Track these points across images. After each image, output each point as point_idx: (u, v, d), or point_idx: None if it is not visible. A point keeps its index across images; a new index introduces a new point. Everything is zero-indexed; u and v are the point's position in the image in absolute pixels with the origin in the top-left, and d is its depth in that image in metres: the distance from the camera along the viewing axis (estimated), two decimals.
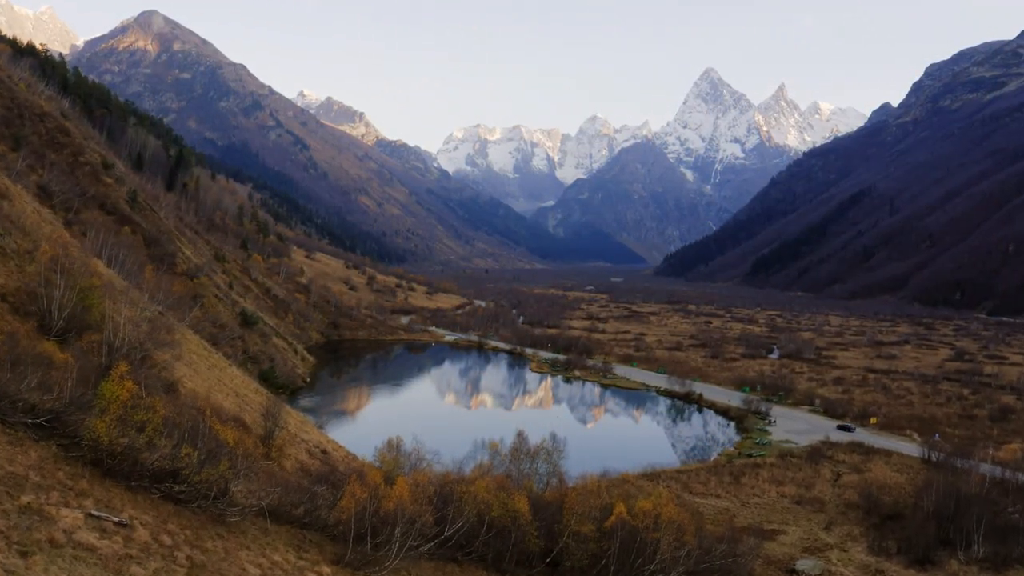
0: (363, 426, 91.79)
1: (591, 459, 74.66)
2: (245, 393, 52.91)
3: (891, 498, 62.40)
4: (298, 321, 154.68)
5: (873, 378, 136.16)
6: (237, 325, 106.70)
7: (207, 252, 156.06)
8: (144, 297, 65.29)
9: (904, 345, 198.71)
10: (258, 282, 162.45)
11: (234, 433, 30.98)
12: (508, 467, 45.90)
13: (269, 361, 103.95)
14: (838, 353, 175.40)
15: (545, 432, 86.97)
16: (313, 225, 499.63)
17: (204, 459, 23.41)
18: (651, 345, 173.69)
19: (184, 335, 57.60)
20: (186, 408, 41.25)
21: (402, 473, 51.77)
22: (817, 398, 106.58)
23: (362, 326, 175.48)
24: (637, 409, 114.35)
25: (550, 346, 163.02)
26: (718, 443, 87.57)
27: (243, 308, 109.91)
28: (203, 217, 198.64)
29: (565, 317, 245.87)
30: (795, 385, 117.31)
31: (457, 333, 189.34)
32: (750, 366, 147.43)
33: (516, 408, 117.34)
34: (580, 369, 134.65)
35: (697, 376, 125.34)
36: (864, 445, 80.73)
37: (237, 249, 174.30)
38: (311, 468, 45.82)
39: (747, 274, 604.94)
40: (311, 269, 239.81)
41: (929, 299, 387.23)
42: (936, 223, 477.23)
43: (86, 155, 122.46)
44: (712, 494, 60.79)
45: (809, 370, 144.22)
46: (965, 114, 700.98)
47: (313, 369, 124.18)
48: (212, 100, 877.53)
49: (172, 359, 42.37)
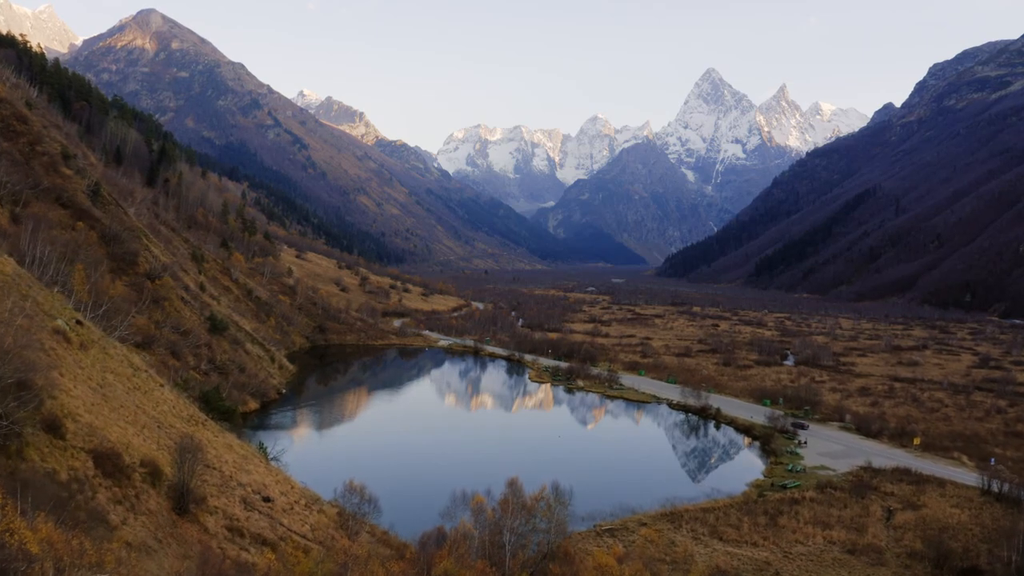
0: (333, 450, 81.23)
1: (599, 492, 64.32)
2: (172, 423, 42.52)
3: (960, 544, 52.07)
4: (280, 325, 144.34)
5: (900, 388, 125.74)
6: (204, 331, 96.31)
7: (184, 251, 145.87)
8: (68, 302, 55.01)
9: (924, 350, 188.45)
10: (239, 283, 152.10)
11: (51, 532, 20.40)
12: (499, 522, 35.60)
13: (239, 371, 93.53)
14: (857, 359, 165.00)
15: (544, 462, 76.80)
16: (310, 224, 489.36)
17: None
18: (658, 351, 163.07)
19: (105, 350, 47.20)
20: (62, 459, 30.90)
21: (363, 525, 41.42)
22: (848, 413, 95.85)
23: (351, 330, 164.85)
24: (648, 427, 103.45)
25: (551, 352, 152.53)
26: (744, 469, 76.89)
27: (212, 312, 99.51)
28: (185, 214, 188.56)
29: (566, 320, 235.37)
30: (820, 397, 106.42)
31: (452, 337, 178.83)
32: (766, 374, 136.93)
33: (511, 427, 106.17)
34: (583, 378, 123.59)
35: (711, 386, 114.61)
36: (912, 472, 70.29)
37: (219, 248, 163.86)
38: (245, 528, 35.44)
39: (751, 275, 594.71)
40: (301, 269, 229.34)
41: (939, 301, 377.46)
42: (944, 223, 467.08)
43: (44, 144, 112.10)
44: (747, 541, 50.37)
45: (830, 379, 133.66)
46: (970, 113, 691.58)
47: (292, 378, 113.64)
48: (210, 99, 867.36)
49: (47, 385, 31.94)
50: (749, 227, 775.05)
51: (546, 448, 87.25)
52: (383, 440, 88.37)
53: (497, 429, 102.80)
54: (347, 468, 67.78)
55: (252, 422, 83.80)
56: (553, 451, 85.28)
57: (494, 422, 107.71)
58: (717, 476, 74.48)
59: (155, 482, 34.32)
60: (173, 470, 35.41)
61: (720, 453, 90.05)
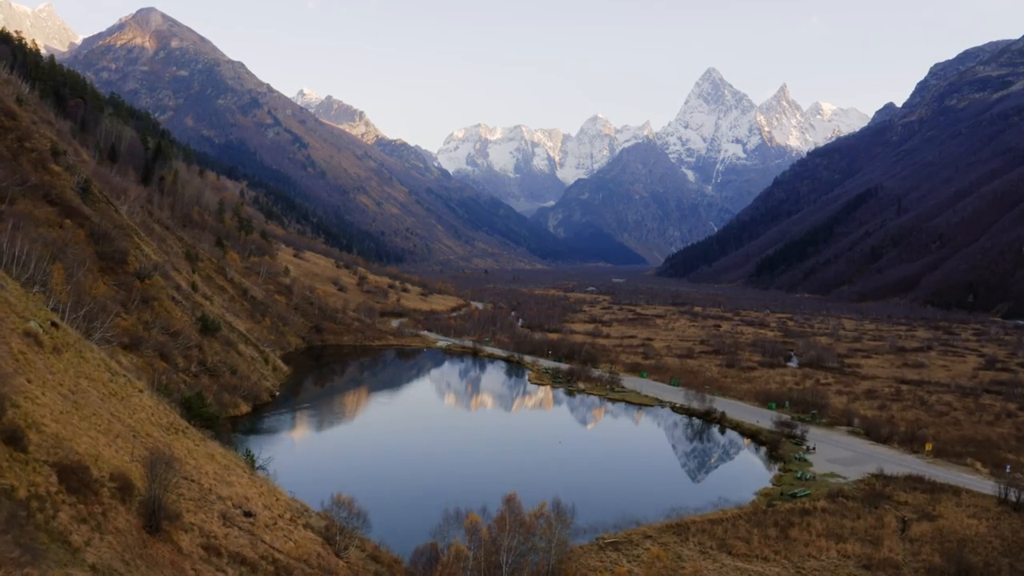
0: (325, 456, 78.77)
1: (601, 499, 61.88)
2: (149, 432, 40.00)
3: (980, 558, 49.61)
4: (275, 325, 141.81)
5: (907, 391, 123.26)
6: (195, 332, 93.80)
7: (178, 250, 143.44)
8: (46, 302, 52.55)
9: (928, 351, 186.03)
10: (234, 282, 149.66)
11: None
12: (495, 541, 33.13)
13: (230, 373, 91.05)
14: (862, 361, 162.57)
15: (544, 466, 74.57)
16: (309, 224, 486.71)
17: None
18: (660, 352, 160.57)
19: (81, 353, 44.74)
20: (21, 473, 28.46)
21: (352, 539, 39.00)
22: (856, 417, 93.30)
23: (348, 330, 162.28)
24: (651, 430, 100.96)
25: (551, 353, 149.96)
26: (751, 476, 74.32)
27: (203, 312, 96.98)
28: (180, 213, 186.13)
29: (567, 320, 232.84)
30: (827, 400, 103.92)
31: (451, 338, 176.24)
32: (770, 376, 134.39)
33: (510, 428, 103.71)
34: (584, 380, 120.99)
35: (715, 389, 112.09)
36: (926, 480, 67.78)
37: (214, 247, 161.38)
38: (223, 546, 32.97)
39: (752, 275, 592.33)
40: (298, 269, 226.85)
41: (941, 301, 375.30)
42: (946, 223, 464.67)
43: (33, 141, 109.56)
44: (757, 555, 47.85)
45: (836, 381, 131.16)
46: (972, 113, 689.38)
47: (287, 380, 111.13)
48: (210, 98, 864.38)
49: (11, 392, 29.50)
50: (750, 227, 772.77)
51: (546, 452, 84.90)
52: (377, 443, 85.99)
53: (496, 430, 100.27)
54: (339, 474, 65.38)
55: (243, 426, 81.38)
56: (553, 455, 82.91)
57: (492, 423, 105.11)
58: (724, 484, 71.88)
59: (125, 498, 31.83)
60: (145, 484, 32.95)
61: (726, 459, 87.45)
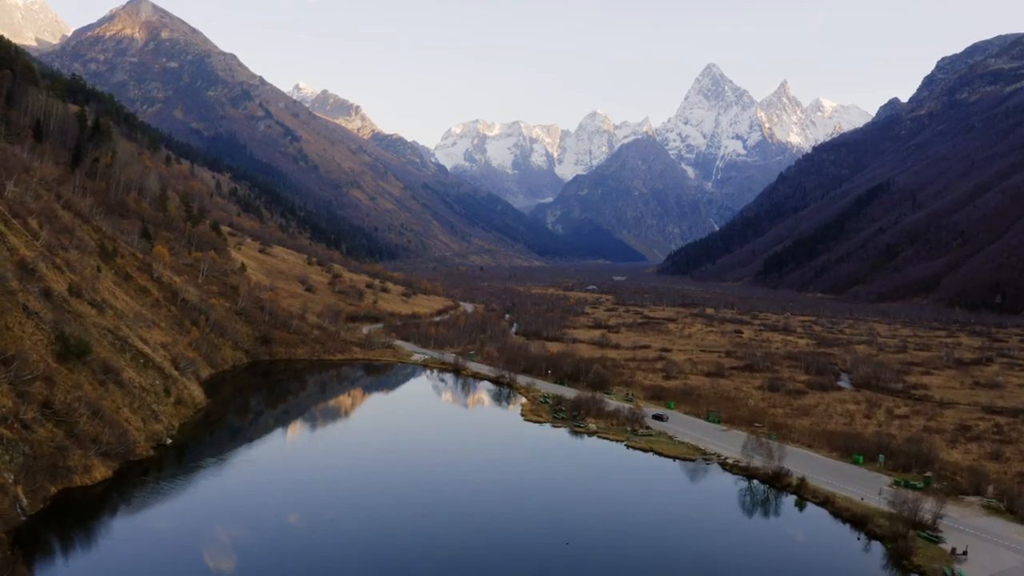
0: (194, 555, 50.62)
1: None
2: None
3: None
4: (207, 337, 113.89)
5: (1008, 424, 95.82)
6: (49, 357, 66.04)
7: (90, 242, 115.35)
8: None
9: (990, 364, 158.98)
10: (161, 282, 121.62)
11: None
12: None
13: (91, 416, 63.18)
14: (924, 379, 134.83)
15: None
16: (295, 218, 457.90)
17: None
18: (683, 368, 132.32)
19: None
20: None
21: None
22: (987, 482, 64.89)
23: (304, 341, 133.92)
24: (699, 506, 66.92)
25: (550, 372, 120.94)
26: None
27: (62, 331, 68.98)
28: (114, 200, 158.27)
29: (568, 325, 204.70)
30: (932, 449, 75.22)
31: (430, 350, 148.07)
32: (828, 404, 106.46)
33: (488, 512, 62.86)
34: (595, 416, 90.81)
35: (768, 429, 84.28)
36: None
37: (141, 239, 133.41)
38: None
39: (759, 273, 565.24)
40: (262, 266, 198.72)
41: (967, 302, 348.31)
42: (967, 219, 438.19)
43: None
44: None
45: (910, 410, 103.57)
46: (984, 107, 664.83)
47: (196, 415, 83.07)
48: (200, 90, 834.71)
49: None
50: (754, 223, 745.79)
51: (550, 558, 52.31)
52: (279, 531, 56.60)
53: (468, 515, 61.19)
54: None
55: (76, 507, 53.42)
56: (557, 565, 51.59)
57: (464, 499, 64.94)
58: None
59: None
60: None
61: (826, 570, 54.11)
